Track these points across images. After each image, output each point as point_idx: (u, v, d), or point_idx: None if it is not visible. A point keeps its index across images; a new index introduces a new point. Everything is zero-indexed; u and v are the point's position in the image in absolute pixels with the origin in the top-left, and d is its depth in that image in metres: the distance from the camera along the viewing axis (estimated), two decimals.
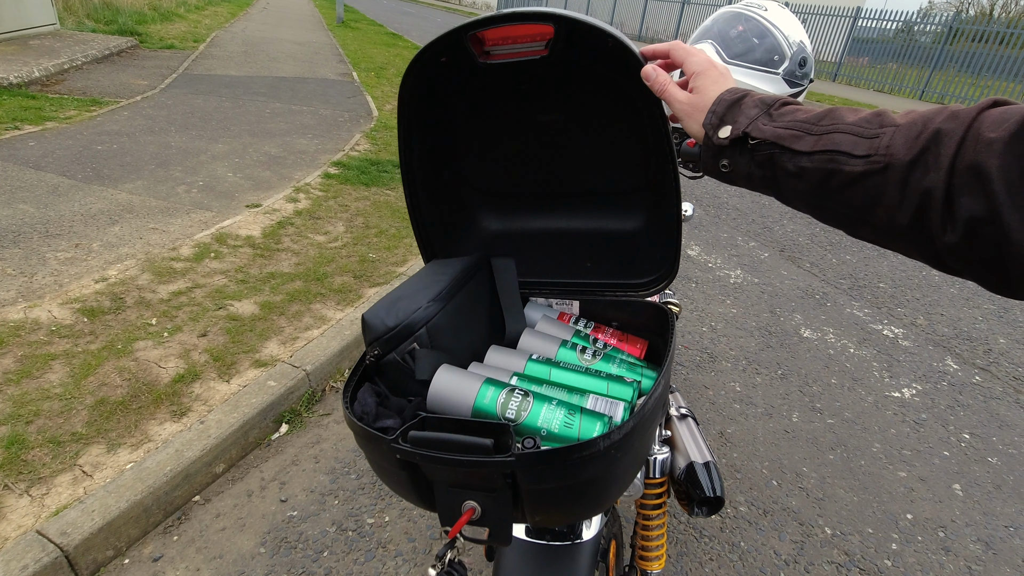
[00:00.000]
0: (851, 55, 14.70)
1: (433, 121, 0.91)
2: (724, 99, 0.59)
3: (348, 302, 2.73)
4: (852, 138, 0.48)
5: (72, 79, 6.08)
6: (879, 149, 0.46)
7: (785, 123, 0.54)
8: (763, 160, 0.55)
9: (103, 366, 2.12)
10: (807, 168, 0.51)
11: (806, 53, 1.38)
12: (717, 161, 0.59)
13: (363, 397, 0.69)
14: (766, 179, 0.56)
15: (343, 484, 1.90)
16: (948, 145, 0.42)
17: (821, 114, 0.53)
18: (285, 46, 10.11)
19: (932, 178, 0.42)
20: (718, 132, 0.58)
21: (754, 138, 0.55)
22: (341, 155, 4.72)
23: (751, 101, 0.58)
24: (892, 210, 0.45)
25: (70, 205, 3.32)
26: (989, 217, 0.39)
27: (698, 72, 0.63)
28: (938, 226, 0.42)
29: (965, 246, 0.41)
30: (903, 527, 1.89)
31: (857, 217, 0.49)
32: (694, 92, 0.63)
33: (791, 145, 0.52)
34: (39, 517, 1.57)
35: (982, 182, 0.39)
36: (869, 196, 0.47)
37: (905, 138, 0.45)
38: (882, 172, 0.45)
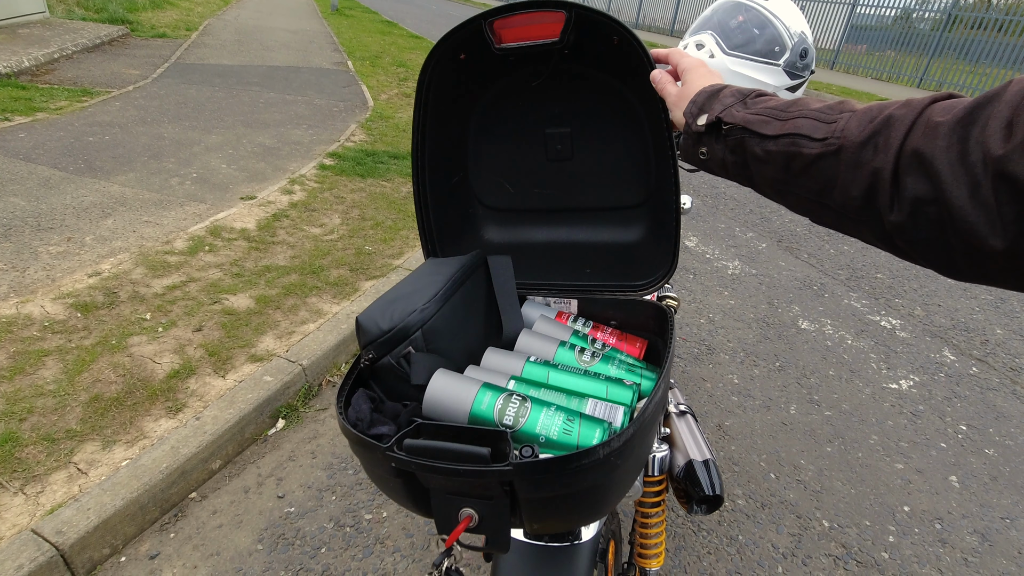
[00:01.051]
0: (849, 43, 14.61)
1: (448, 123, 0.92)
2: (705, 91, 0.63)
3: (344, 295, 2.71)
4: (813, 122, 0.51)
5: (62, 69, 6.00)
6: (835, 132, 0.48)
7: (756, 110, 0.57)
8: (734, 145, 0.57)
9: (97, 362, 2.10)
10: (772, 152, 0.53)
11: (807, 44, 1.36)
12: (696, 148, 0.62)
13: (357, 402, 0.68)
14: (738, 165, 0.58)
15: (340, 480, 1.90)
16: (898, 128, 0.44)
17: (790, 102, 0.55)
18: (279, 34, 9.99)
19: (881, 159, 0.44)
20: (696, 120, 0.61)
21: (726, 123, 0.58)
22: (336, 146, 4.68)
23: (729, 91, 0.61)
24: (846, 190, 0.47)
25: (62, 198, 3.28)
26: (933, 196, 0.41)
27: (688, 68, 0.69)
28: (886, 206, 0.44)
29: (911, 225, 0.43)
30: (900, 519, 1.89)
31: (817, 200, 0.51)
32: (683, 85, 0.68)
33: (759, 129, 0.55)
34: (34, 516, 1.56)
35: (926, 163, 0.41)
36: (825, 178, 0.49)
37: (859, 122, 0.47)
38: (836, 154, 0.48)
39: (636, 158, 0.92)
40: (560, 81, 0.87)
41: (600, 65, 0.83)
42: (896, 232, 0.45)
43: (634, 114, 0.87)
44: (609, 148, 0.93)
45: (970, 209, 0.39)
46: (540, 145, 0.95)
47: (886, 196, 0.44)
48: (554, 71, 0.86)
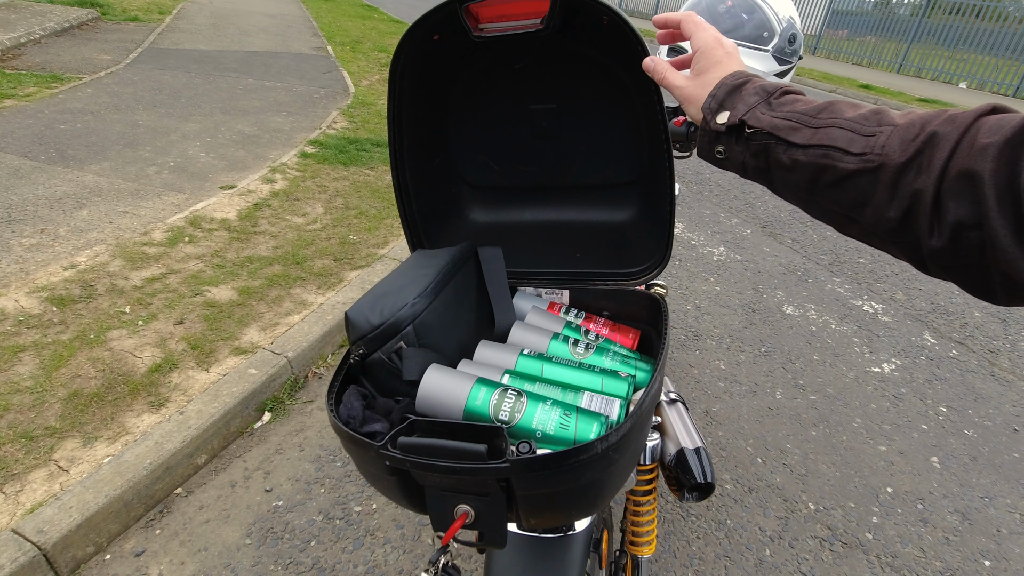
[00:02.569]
0: (830, 28, 14.68)
1: (425, 106, 0.88)
2: (726, 83, 0.58)
3: (329, 286, 2.67)
4: (849, 134, 0.47)
5: (30, 53, 5.80)
6: (874, 148, 0.45)
7: (783, 113, 0.52)
8: (758, 150, 0.54)
9: (75, 357, 2.05)
10: (800, 161, 0.50)
11: (795, 30, 1.35)
12: (713, 147, 0.58)
13: (348, 400, 0.66)
14: (759, 169, 0.55)
15: (329, 472, 1.88)
16: (943, 148, 0.41)
17: (821, 106, 0.51)
18: (256, 18, 9.76)
19: (923, 180, 0.42)
20: (716, 117, 0.56)
21: (751, 127, 0.54)
22: (318, 133, 4.60)
23: (752, 88, 0.56)
24: (881, 210, 0.45)
25: (33, 188, 3.18)
26: (976, 222, 0.39)
27: (703, 50, 0.61)
28: (925, 230, 0.42)
29: (951, 250, 0.41)
30: (883, 500, 1.93)
31: (846, 215, 0.49)
32: (696, 74, 0.61)
33: (787, 136, 0.51)
34: (14, 515, 1.52)
35: (973, 187, 0.38)
36: (860, 194, 0.46)
37: (901, 139, 0.44)
38: (874, 172, 0.45)
39: (626, 136, 0.90)
40: (545, 56, 0.84)
41: (588, 43, 0.80)
42: (934, 257, 0.43)
43: (624, 91, 0.84)
44: (597, 125, 0.90)
45: (1013, 242, 0.37)
46: (525, 121, 0.92)
47: (926, 220, 0.42)
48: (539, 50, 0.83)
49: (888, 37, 13.49)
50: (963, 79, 11.91)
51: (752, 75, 0.58)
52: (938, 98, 9.79)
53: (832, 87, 10.31)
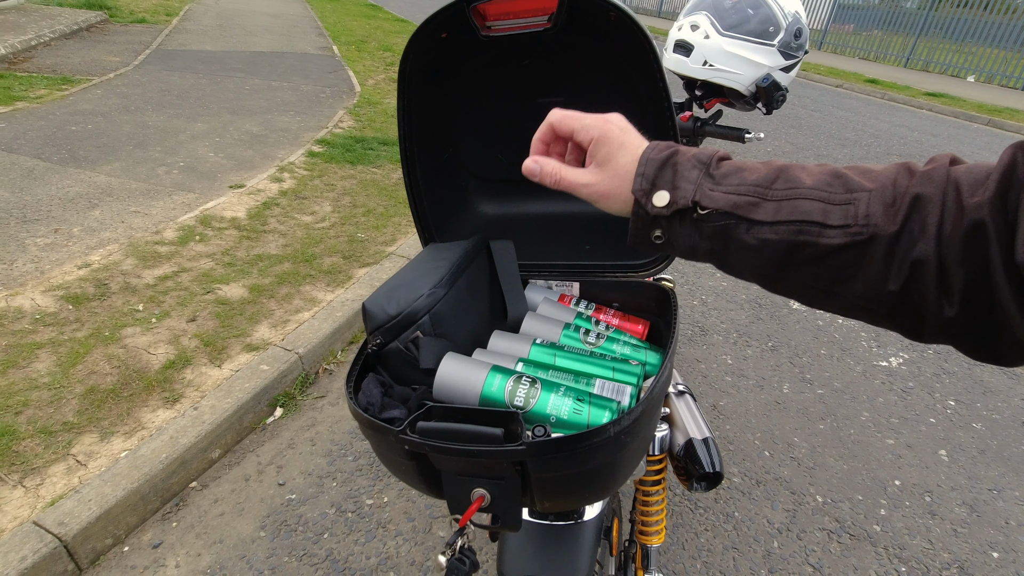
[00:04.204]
0: (836, 22, 14.60)
1: (433, 102, 0.89)
2: (652, 159, 0.50)
3: (338, 283, 2.70)
4: (821, 205, 0.43)
5: (40, 56, 5.86)
6: (858, 219, 0.41)
7: (735, 187, 0.47)
8: (714, 232, 0.47)
9: (91, 354, 2.09)
10: (770, 240, 0.44)
11: (801, 24, 1.36)
12: (649, 232, 0.50)
13: (368, 387, 0.68)
14: (713, 251, 0.48)
15: (340, 466, 1.91)
16: (932, 212, 0.39)
17: (771, 175, 0.46)
18: (261, 19, 9.81)
19: (922, 249, 0.39)
20: (652, 199, 0.49)
21: (704, 207, 0.47)
22: (325, 132, 4.63)
23: (686, 160, 0.50)
24: (876, 284, 0.41)
25: (47, 189, 3.23)
26: (983, 283, 0.37)
27: (599, 138, 0.53)
28: (933, 300, 0.39)
29: (964, 317, 0.38)
30: (891, 493, 1.94)
31: (824, 290, 0.45)
32: (600, 165, 0.53)
33: (749, 215, 0.45)
34: (35, 508, 1.56)
35: (978, 249, 0.36)
36: (845, 269, 0.42)
37: (883, 205, 0.41)
38: (865, 245, 0.41)
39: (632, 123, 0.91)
40: (552, 51, 0.85)
41: (595, 39, 0.81)
42: (943, 327, 0.40)
43: (631, 84, 0.85)
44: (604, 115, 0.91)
45: (1015, 307, 0.35)
46: (531, 114, 0.93)
47: (932, 289, 0.39)
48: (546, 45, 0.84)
49: (895, 31, 13.40)
50: (971, 72, 11.83)
51: (671, 144, 0.52)
52: (946, 91, 9.73)
53: (839, 82, 10.26)
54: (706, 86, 1.48)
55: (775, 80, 1.37)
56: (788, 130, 6.54)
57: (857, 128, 6.99)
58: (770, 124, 6.69)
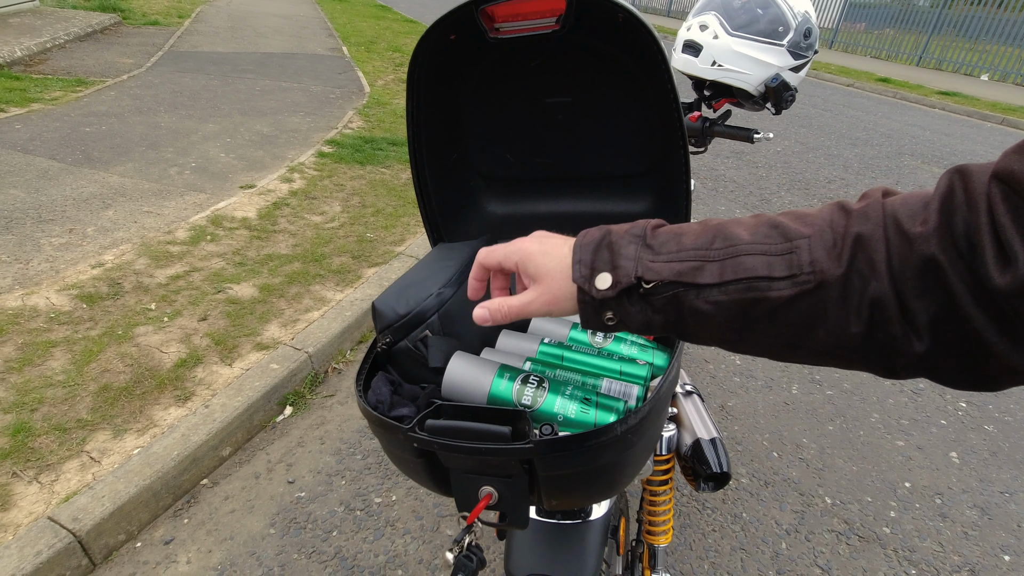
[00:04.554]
0: (848, 21, 14.49)
1: (442, 103, 0.90)
2: (584, 244, 0.50)
3: (347, 283, 2.72)
4: (764, 259, 0.42)
5: (55, 58, 5.94)
6: (803, 267, 0.41)
7: (675, 254, 0.46)
8: (664, 304, 0.46)
9: (104, 352, 2.11)
10: (722, 302, 0.44)
11: (811, 24, 1.36)
12: (600, 315, 0.49)
13: (377, 385, 0.69)
14: (669, 323, 0.47)
15: (349, 464, 1.92)
16: (877, 249, 0.38)
17: (708, 235, 0.46)
18: (271, 20, 9.88)
19: (876, 287, 0.38)
20: (594, 283, 0.48)
21: (648, 281, 0.46)
22: (334, 133, 4.65)
23: (619, 238, 0.49)
24: (839, 328, 0.40)
25: (61, 189, 3.27)
26: (949, 315, 0.36)
27: (522, 260, 0.53)
28: (901, 336, 0.38)
29: (937, 350, 0.37)
30: (901, 495, 1.93)
31: (788, 343, 0.44)
32: (537, 282, 0.52)
33: (695, 280, 0.44)
34: (49, 504, 1.58)
35: (937, 281, 0.36)
36: (805, 318, 0.41)
37: (826, 248, 0.40)
38: (815, 291, 0.40)
39: (640, 127, 0.91)
40: (560, 52, 0.86)
41: (603, 40, 0.81)
42: (918, 361, 0.39)
43: (639, 84, 0.85)
44: (612, 117, 0.91)
45: (994, 333, 0.34)
46: (539, 114, 0.94)
47: (897, 327, 0.38)
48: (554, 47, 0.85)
49: (907, 29, 13.28)
50: (985, 71, 11.70)
51: (601, 227, 0.51)
52: (959, 90, 9.63)
53: (850, 81, 10.19)
54: (715, 86, 1.48)
55: (784, 80, 1.37)
56: (798, 130, 6.51)
57: (868, 127, 6.94)
58: (780, 124, 6.66)
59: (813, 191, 4.66)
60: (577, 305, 0.50)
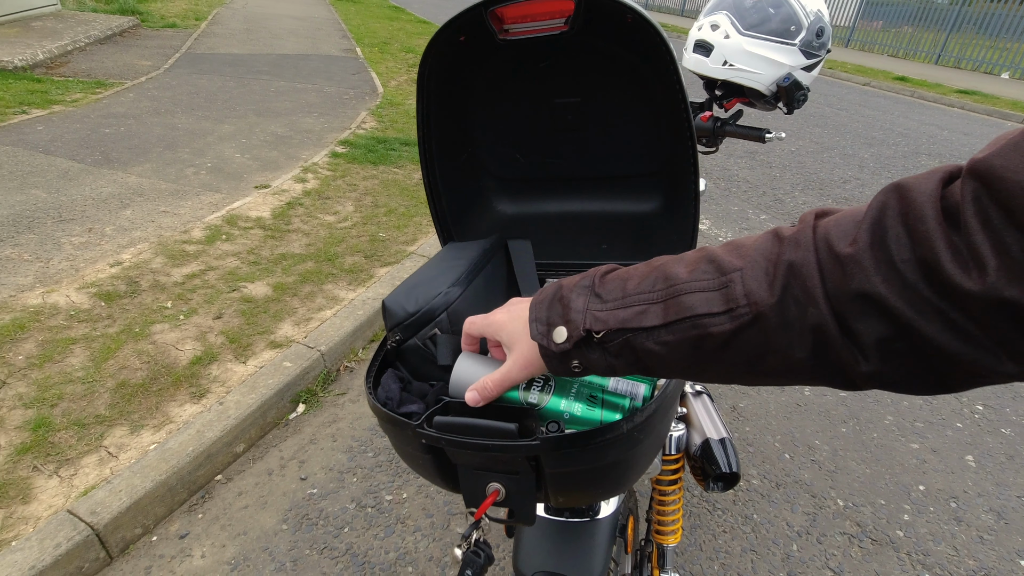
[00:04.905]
0: (864, 19, 14.32)
1: (451, 104, 0.91)
2: (538, 302, 0.53)
3: (360, 282, 2.74)
4: (702, 295, 0.43)
5: (76, 61, 6.04)
6: (739, 300, 0.41)
7: (620, 301, 0.48)
8: (618, 349, 0.48)
9: (122, 349, 2.15)
10: (670, 342, 0.45)
11: (823, 23, 1.35)
12: (567, 364, 0.52)
13: (387, 382, 0.70)
14: (630, 364, 0.49)
15: (360, 462, 1.94)
16: (810, 276, 0.38)
17: (650, 277, 0.48)
18: (286, 22, 9.97)
19: (814, 314, 0.38)
20: (552, 338, 0.51)
21: (598, 331, 0.48)
22: (348, 133, 4.69)
23: (569, 291, 0.51)
24: (786, 355, 0.41)
25: (81, 189, 3.33)
26: (897, 333, 0.36)
27: (493, 333, 0.59)
28: (849, 358, 0.38)
29: (887, 368, 0.37)
30: (915, 498, 1.91)
31: (746, 371, 0.44)
32: (508, 348, 0.57)
33: (641, 323, 0.46)
34: (68, 497, 1.62)
35: (875, 304, 0.36)
36: (752, 349, 0.42)
37: (757, 280, 0.41)
38: (753, 323, 0.41)
39: (649, 128, 0.91)
40: (569, 53, 0.86)
41: (612, 40, 0.81)
42: (871, 379, 0.39)
43: (647, 85, 0.86)
44: (621, 117, 0.92)
45: (958, 344, 0.34)
46: (548, 115, 0.94)
47: (844, 349, 0.38)
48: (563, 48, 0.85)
49: (926, 27, 13.09)
50: (1005, 69, 11.50)
51: (555, 282, 0.54)
52: (978, 88, 9.47)
53: (866, 80, 10.07)
54: (726, 86, 1.48)
55: (796, 79, 1.36)
56: (813, 129, 6.45)
57: (884, 127, 6.86)
58: (795, 123, 6.60)
59: (828, 191, 4.61)
60: (543, 359, 0.53)
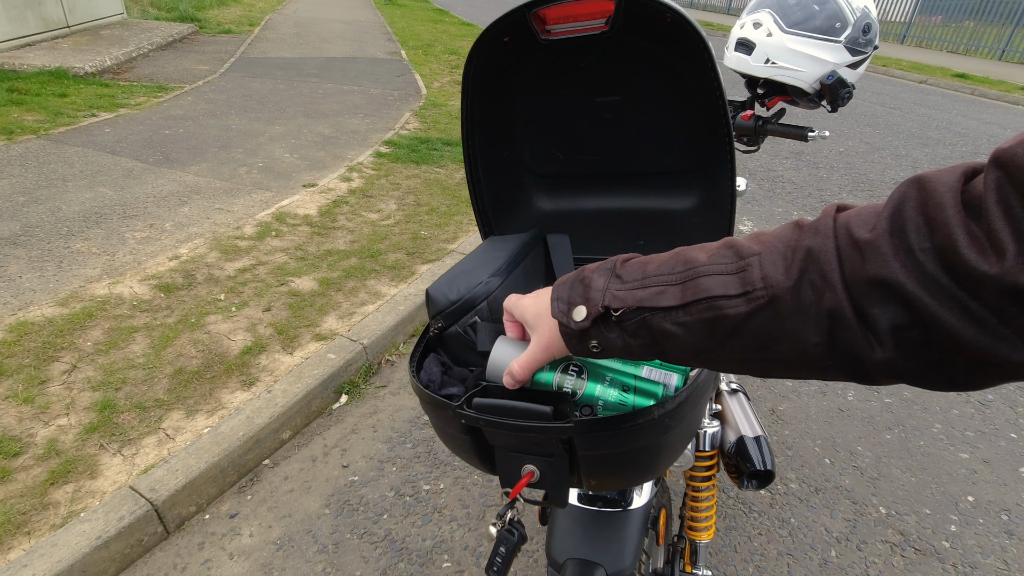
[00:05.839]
0: (923, 13, 13.74)
1: (495, 102, 0.94)
2: (560, 284, 0.56)
3: (401, 278, 2.81)
4: (719, 278, 0.44)
5: (140, 66, 6.37)
6: (755, 283, 0.42)
7: (639, 282, 0.49)
8: (635, 328, 0.49)
9: (179, 338, 2.28)
10: (687, 323, 0.46)
11: (870, 19, 1.33)
12: (584, 344, 0.54)
13: (429, 366, 0.74)
14: (645, 346, 0.50)
15: (399, 452, 2.00)
16: (828, 261, 0.39)
17: (670, 261, 0.49)
18: (334, 26, 10.25)
19: (831, 298, 0.39)
20: (572, 316, 0.53)
21: (616, 309, 0.50)
22: (391, 134, 4.81)
23: (591, 273, 0.53)
24: (801, 340, 0.41)
25: (144, 187, 3.52)
26: (912, 321, 0.36)
27: (520, 315, 0.62)
28: (863, 344, 0.38)
29: (900, 356, 0.38)
30: (963, 509, 1.84)
31: (760, 358, 0.45)
32: (533, 329, 0.60)
33: (658, 303, 0.47)
34: (130, 474, 1.73)
35: (892, 290, 0.36)
36: (766, 333, 0.43)
37: (774, 264, 0.42)
38: (769, 305, 0.42)
39: (687, 125, 0.93)
40: (609, 52, 0.88)
41: (651, 39, 0.83)
42: (882, 369, 0.39)
43: (685, 83, 0.87)
44: (659, 115, 0.93)
45: (973, 331, 0.34)
46: (588, 112, 0.96)
47: (859, 335, 0.38)
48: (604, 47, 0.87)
49: (989, 21, 12.47)
50: None
51: (579, 269, 0.56)
52: None
53: (922, 77, 9.66)
54: (768, 84, 1.47)
55: (840, 77, 1.35)
56: (863, 129, 6.24)
57: (941, 126, 6.58)
58: (844, 123, 6.41)
59: (878, 193, 4.47)
60: (562, 338, 0.55)
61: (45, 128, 4.25)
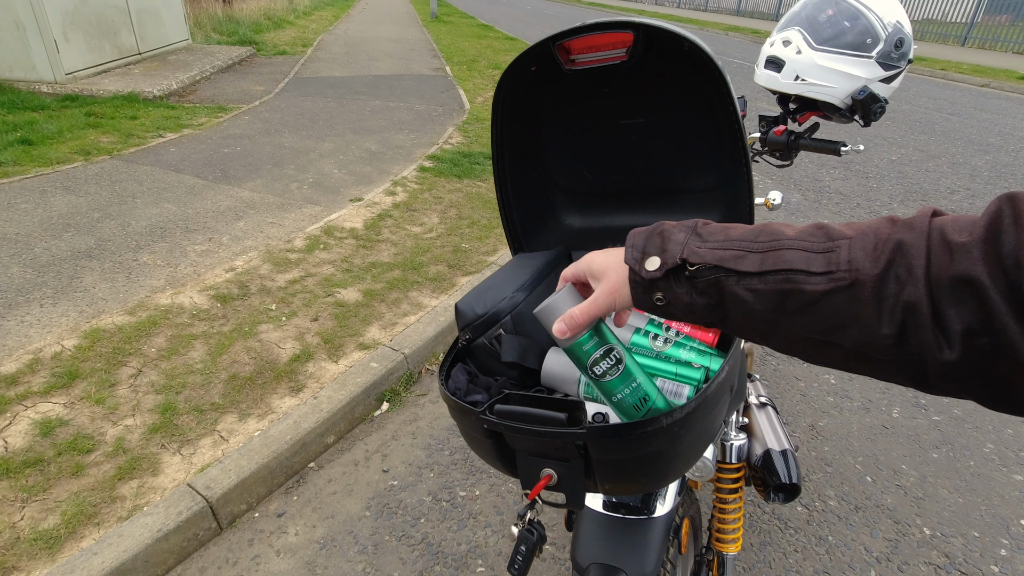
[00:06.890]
0: (988, 13, 13.13)
1: (523, 125, 1.00)
2: (638, 232, 0.56)
3: (442, 290, 2.90)
4: (804, 254, 0.45)
5: (202, 89, 6.76)
6: (840, 264, 0.42)
7: (721, 243, 0.50)
8: (706, 287, 0.50)
9: (234, 346, 2.42)
10: (760, 290, 0.46)
11: (903, 33, 1.33)
12: (650, 296, 0.54)
13: (456, 375, 0.80)
14: (710, 307, 0.51)
15: (437, 459, 2.07)
16: (917, 256, 0.39)
17: (754, 230, 0.50)
18: (382, 44, 10.59)
19: (911, 292, 0.39)
20: (644, 265, 0.53)
21: (693, 263, 0.50)
22: (435, 148, 4.95)
23: (671, 227, 0.54)
24: (870, 329, 0.41)
25: (204, 203, 3.75)
26: (984, 328, 0.36)
27: (585, 269, 0.62)
28: (931, 343, 0.38)
29: (966, 361, 0.37)
30: (1015, 533, 1.77)
31: (822, 340, 0.45)
32: (596, 279, 0.60)
33: (736, 267, 0.48)
34: (188, 472, 1.85)
35: (973, 291, 0.36)
36: (838, 315, 0.43)
37: (865, 251, 0.42)
38: (849, 289, 0.42)
39: (709, 144, 0.96)
40: (632, 77, 0.93)
41: (671, 65, 0.87)
42: (946, 371, 0.39)
43: (707, 102, 0.91)
44: (682, 134, 0.97)
45: None
46: (613, 134, 1.01)
47: (929, 332, 0.38)
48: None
49: None
50: None
51: (657, 223, 0.56)
52: None
53: (984, 81, 9.23)
54: (800, 100, 1.48)
55: (872, 92, 1.35)
56: (918, 136, 6.01)
57: (1004, 132, 6.27)
58: (897, 130, 6.19)
59: (932, 203, 4.31)
60: (629, 284, 0.56)
61: (118, 149, 4.58)
